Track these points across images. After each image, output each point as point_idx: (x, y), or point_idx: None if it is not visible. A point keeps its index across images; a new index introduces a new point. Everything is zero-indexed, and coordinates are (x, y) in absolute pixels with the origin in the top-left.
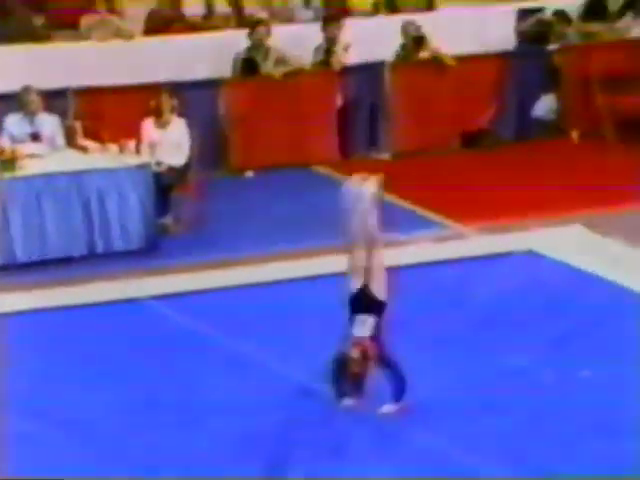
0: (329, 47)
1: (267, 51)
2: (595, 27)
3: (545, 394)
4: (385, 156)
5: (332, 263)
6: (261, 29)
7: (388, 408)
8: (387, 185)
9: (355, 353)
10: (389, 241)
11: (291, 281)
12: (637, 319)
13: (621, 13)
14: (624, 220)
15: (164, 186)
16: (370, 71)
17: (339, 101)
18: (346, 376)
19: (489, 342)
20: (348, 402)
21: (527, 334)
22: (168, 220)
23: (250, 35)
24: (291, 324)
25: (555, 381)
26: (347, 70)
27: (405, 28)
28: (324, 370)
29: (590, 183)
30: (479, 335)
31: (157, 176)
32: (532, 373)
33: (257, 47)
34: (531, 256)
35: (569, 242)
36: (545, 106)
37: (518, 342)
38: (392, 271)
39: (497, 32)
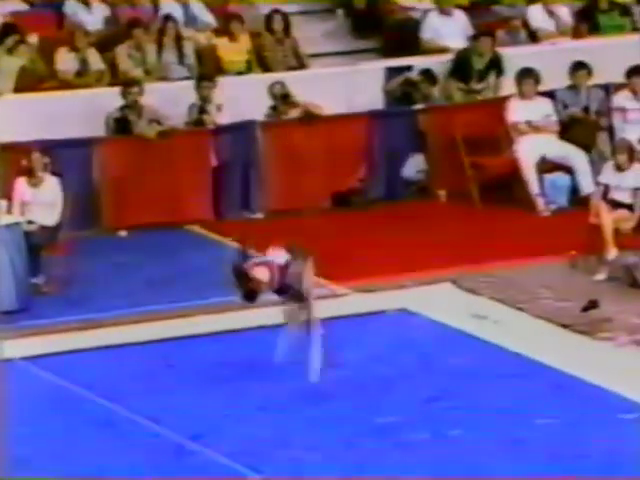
0: (203, 106)
1: (141, 110)
2: (461, 87)
3: (415, 453)
4: (258, 216)
5: (205, 323)
6: (135, 88)
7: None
8: (260, 245)
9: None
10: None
11: (163, 341)
12: (505, 376)
13: (485, 73)
14: (490, 277)
15: (35, 246)
16: (243, 131)
17: (213, 161)
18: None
19: (360, 401)
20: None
21: (398, 393)
22: (40, 280)
23: (124, 94)
24: (163, 384)
25: (425, 440)
26: (221, 129)
27: (271, 88)
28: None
29: (457, 242)
30: (350, 393)
31: (28, 235)
32: (402, 432)
33: (131, 106)
34: (404, 314)
35: (440, 300)
36: (413, 166)
37: (389, 401)
38: (264, 330)
39: (366, 91)
